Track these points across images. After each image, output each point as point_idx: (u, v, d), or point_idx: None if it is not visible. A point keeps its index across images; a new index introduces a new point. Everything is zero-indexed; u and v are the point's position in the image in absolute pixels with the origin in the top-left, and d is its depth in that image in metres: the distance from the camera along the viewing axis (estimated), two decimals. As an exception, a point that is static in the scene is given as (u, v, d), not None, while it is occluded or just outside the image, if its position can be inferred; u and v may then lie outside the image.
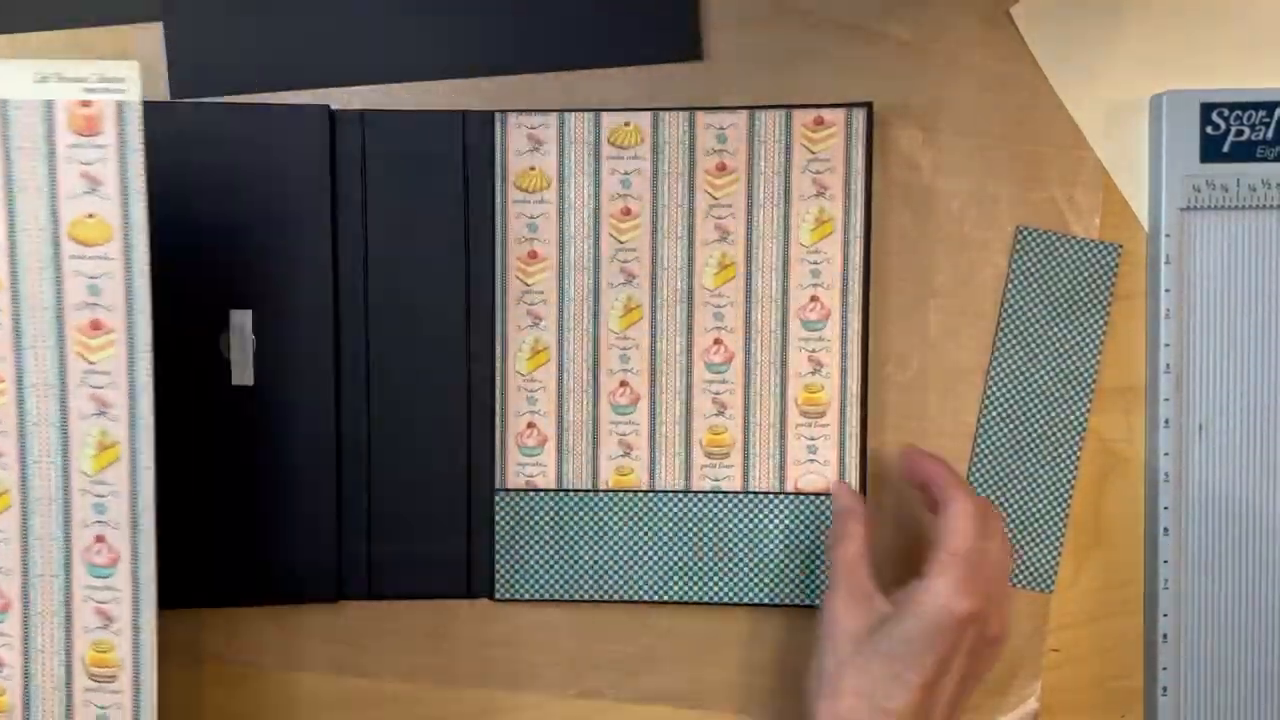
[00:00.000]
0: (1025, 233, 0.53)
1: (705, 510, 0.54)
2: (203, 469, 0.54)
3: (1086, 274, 0.54)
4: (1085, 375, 0.53)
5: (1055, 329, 0.54)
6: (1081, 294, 0.54)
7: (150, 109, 0.53)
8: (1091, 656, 0.56)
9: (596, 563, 0.55)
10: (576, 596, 0.55)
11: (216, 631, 0.55)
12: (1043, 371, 0.54)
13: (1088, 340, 0.53)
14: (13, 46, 0.55)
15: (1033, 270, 0.54)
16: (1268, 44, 0.55)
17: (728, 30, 0.55)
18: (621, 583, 0.55)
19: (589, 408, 0.55)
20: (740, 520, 0.54)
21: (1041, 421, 0.54)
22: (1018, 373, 0.54)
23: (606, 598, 0.55)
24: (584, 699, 0.56)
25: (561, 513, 0.55)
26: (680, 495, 0.54)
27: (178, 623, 0.55)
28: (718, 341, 0.54)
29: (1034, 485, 0.54)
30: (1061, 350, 0.54)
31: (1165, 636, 0.54)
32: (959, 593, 0.46)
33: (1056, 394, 0.54)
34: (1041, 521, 0.55)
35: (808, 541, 0.54)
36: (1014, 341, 0.54)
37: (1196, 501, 0.54)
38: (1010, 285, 0.54)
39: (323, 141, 0.53)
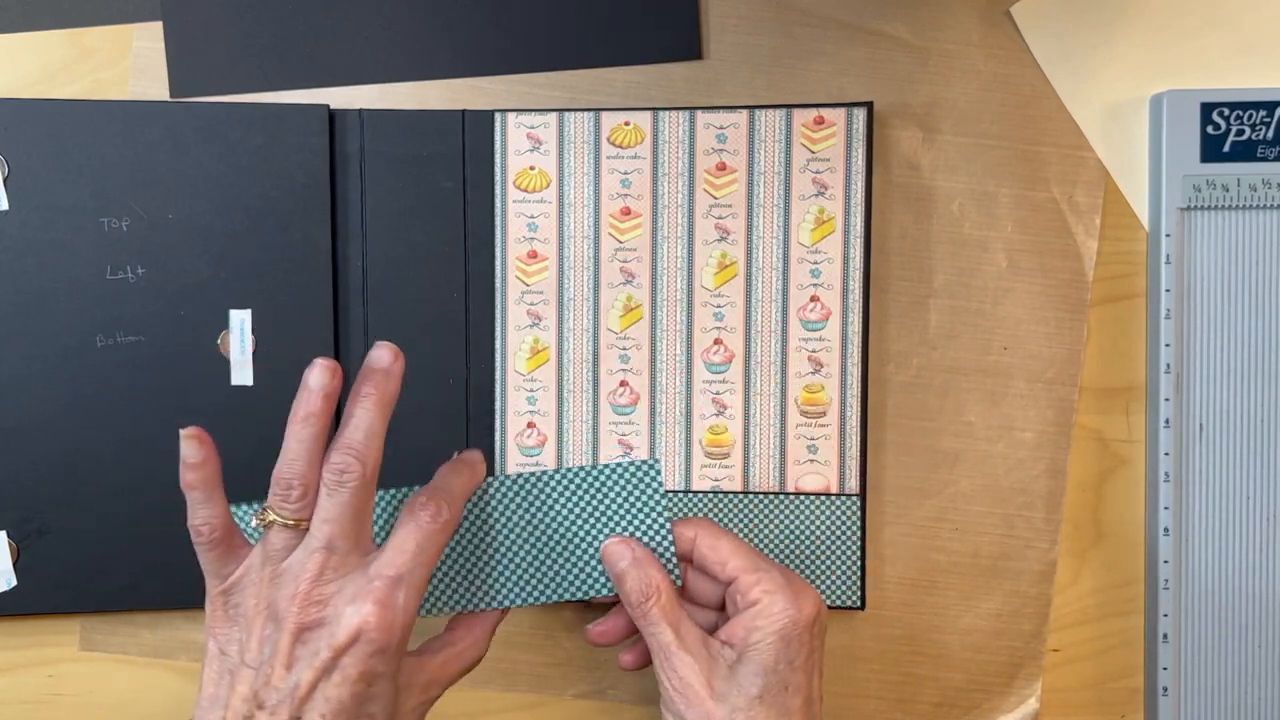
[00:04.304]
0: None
1: (705, 510, 0.54)
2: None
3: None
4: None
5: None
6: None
7: (150, 109, 0.53)
8: (1091, 656, 0.56)
9: (596, 563, 0.55)
10: (576, 596, 0.55)
11: (216, 631, 0.55)
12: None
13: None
14: (13, 46, 0.55)
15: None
16: (1268, 44, 0.55)
17: (728, 30, 0.55)
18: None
19: (589, 408, 0.55)
20: (740, 520, 0.54)
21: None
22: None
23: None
24: (584, 699, 0.56)
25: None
26: (680, 495, 0.54)
27: (178, 622, 0.55)
28: (718, 341, 0.54)
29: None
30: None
31: (1165, 636, 0.54)
32: (796, 599, 0.45)
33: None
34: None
35: (808, 542, 0.54)
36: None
37: (1196, 501, 0.54)
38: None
39: (322, 141, 0.53)
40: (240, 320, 0.54)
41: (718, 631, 0.47)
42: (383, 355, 0.45)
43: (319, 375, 0.44)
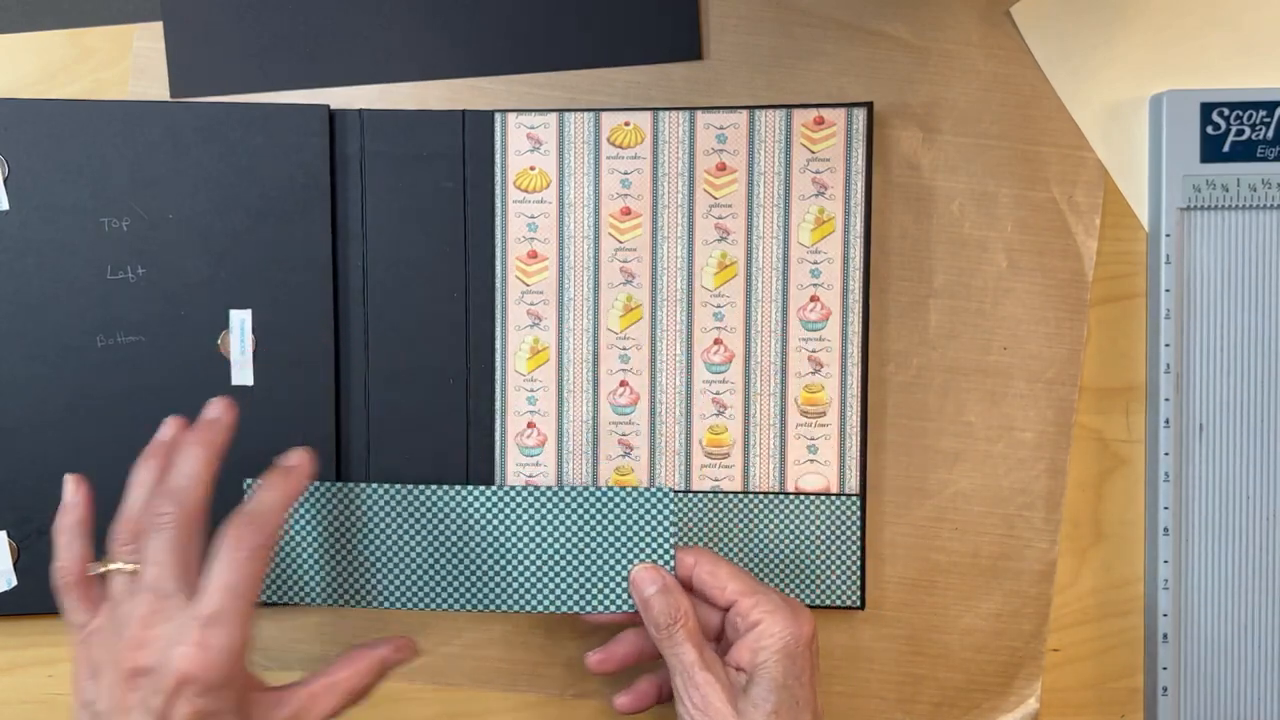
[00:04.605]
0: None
1: (705, 510, 0.54)
2: (202, 469, 0.54)
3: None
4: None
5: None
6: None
7: (150, 109, 0.54)
8: (1091, 656, 0.56)
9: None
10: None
11: (216, 631, 0.55)
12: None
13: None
14: (13, 46, 0.55)
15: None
16: (1268, 44, 0.55)
17: (728, 30, 0.55)
18: (621, 583, 0.55)
19: (589, 408, 0.55)
20: (740, 520, 0.54)
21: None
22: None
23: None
24: (583, 699, 0.56)
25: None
26: (680, 495, 0.54)
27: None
28: (718, 341, 0.54)
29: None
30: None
31: (1165, 636, 0.54)
32: (795, 617, 0.47)
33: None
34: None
35: (808, 542, 0.54)
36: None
37: (1196, 501, 0.54)
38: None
39: (323, 141, 0.53)
40: (240, 320, 0.54)
41: (725, 658, 0.48)
42: (213, 407, 0.48)
43: (166, 429, 0.48)
